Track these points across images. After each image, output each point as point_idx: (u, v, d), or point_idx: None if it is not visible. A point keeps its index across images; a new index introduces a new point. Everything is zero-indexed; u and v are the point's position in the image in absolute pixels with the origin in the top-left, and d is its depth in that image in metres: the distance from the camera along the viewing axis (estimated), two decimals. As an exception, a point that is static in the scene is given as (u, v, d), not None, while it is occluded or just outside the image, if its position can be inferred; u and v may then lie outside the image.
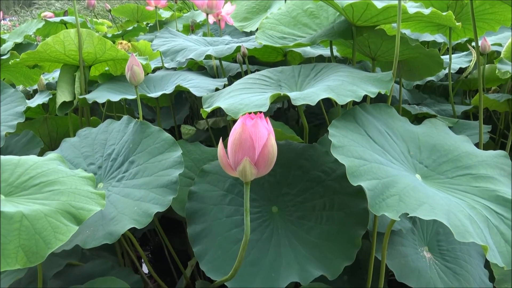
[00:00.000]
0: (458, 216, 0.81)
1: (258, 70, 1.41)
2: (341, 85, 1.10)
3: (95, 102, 1.51)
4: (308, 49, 1.83)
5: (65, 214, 0.83)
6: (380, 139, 1.05)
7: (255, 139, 0.76)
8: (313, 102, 1.03)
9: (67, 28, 1.47)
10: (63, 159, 1.07)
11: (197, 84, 1.56)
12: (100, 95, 1.51)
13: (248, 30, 2.18)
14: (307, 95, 1.07)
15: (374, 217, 1.10)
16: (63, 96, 1.56)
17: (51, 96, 1.74)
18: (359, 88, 1.09)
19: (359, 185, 0.87)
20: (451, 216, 0.81)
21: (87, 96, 1.50)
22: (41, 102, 1.72)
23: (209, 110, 1.17)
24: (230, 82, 1.48)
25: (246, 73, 1.73)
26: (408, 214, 0.81)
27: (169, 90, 1.55)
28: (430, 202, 0.84)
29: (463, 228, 0.79)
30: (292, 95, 1.08)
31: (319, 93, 1.06)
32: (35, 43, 2.94)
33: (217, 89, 1.51)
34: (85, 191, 0.92)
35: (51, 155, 1.07)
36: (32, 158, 1.01)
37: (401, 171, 0.97)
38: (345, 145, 0.96)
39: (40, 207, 0.82)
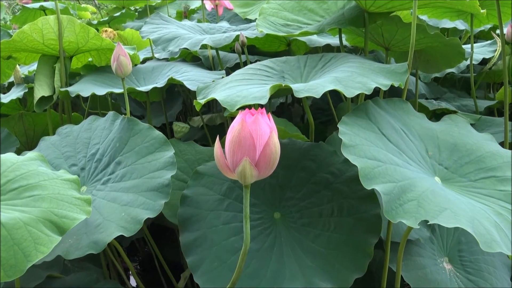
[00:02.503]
0: (483, 224, 0.81)
1: (258, 61, 1.41)
2: (350, 77, 1.10)
3: (76, 97, 1.50)
4: (314, 37, 1.83)
5: (47, 223, 0.82)
6: (395, 138, 1.05)
7: (255, 137, 0.76)
8: (317, 95, 1.03)
9: (46, 15, 1.46)
10: (45, 158, 1.07)
11: (191, 77, 1.56)
12: (84, 88, 1.50)
13: (252, 17, 2.17)
14: (312, 87, 1.06)
15: (388, 224, 1.10)
16: (41, 91, 1.55)
17: (27, 90, 1.74)
18: (370, 80, 1.08)
19: (373, 188, 0.87)
20: (475, 223, 0.80)
21: (70, 89, 1.50)
22: (15, 97, 1.71)
23: (203, 101, 1.17)
24: (228, 75, 1.47)
25: (245, 64, 1.72)
26: (428, 222, 0.81)
27: (160, 83, 1.54)
28: (452, 208, 0.83)
29: (489, 236, 0.78)
30: (295, 86, 1.07)
31: (325, 85, 1.06)
32: (11, 30, 2.93)
33: (213, 82, 1.50)
34: (69, 197, 0.91)
35: (31, 154, 1.06)
36: (11, 158, 1.00)
37: (419, 174, 0.96)
38: (357, 144, 0.95)
39: (19, 214, 0.81)
